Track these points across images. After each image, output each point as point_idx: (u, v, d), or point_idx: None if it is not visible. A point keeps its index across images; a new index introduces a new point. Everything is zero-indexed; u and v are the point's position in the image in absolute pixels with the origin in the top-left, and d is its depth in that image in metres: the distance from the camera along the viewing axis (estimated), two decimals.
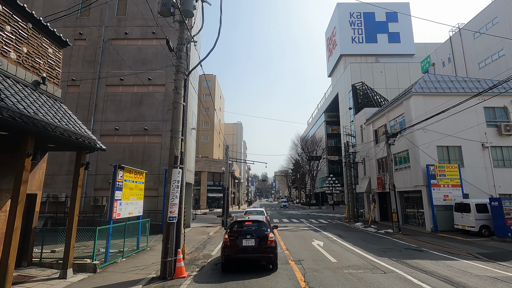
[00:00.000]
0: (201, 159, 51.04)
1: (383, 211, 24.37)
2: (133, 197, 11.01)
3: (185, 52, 9.04)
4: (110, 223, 9.36)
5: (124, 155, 18.52)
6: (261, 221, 8.51)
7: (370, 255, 10.35)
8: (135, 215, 11.28)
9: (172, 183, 8.06)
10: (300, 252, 11.05)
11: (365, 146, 26.20)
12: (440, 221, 16.54)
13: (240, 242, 7.90)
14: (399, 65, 57.44)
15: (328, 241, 13.80)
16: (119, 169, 9.91)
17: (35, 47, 7.99)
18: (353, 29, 66.35)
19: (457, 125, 17.96)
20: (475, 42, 29.79)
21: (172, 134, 8.47)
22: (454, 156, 18.12)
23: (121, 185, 9.99)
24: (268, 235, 8.03)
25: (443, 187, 16.80)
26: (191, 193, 20.94)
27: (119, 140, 18.90)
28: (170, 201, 7.99)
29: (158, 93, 19.44)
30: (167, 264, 7.70)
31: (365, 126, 26.49)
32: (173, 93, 8.84)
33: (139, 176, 11.68)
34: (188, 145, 19.45)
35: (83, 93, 19.34)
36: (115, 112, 19.16)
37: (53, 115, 7.28)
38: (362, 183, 26.87)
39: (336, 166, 66.53)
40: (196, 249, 12.13)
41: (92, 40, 20.14)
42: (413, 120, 18.18)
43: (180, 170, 8.29)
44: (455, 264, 9.16)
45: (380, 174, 23.55)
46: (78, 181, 7.80)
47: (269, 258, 7.93)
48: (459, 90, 18.73)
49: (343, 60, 65.85)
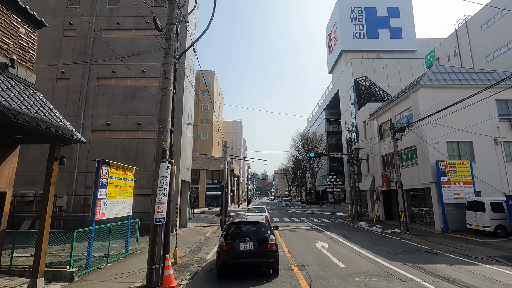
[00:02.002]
0: (200, 157, 50.05)
1: (388, 210, 23.43)
2: (120, 195, 10.03)
3: (175, 32, 8.02)
4: (92, 224, 8.39)
5: (116, 151, 17.53)
6: (260, 222, 7.75)
7: (381, 259, 9.40)
8: (123, 215, 10.32)
9: (159, 180, 7.09)
10: (304, 255, 10.10)
11: (368, 143, 25.23)
12: (451, 221, 15.59)
13: (237, 245, 7.15)
14: (401, 61, 56.53)
15: (333, 242, 12.85)
16: (103, 165, 8.93)
17: (3, 25, 6.99)
18: (354, 24, 65.24)
19: (468, 119, 16.98)
20: (483, 35, 28.73)
21: (160, 124, 7.49)
22: (465, 152, 17.15)
23: (105, 182, 9.01)
24: (268, 238, 7.28)
25: (453, 185, 15.83)
26: (188, 191, 19.98)
27: (111, 136, 17.91)
28: (157, 200, 7.01)
29: (152, 86, 18.44)
30: (154, 272, 6.74)
31: (369, 121, 25.50)
32: (161, 79, 7.84)
33: (127, 172, 10.71)
34: (184, 141, 18.47)
35: (73, 86, 18.33)
36: (106, 106, 18.16)
37: (20, 101, 6.29)
38: (365, 181, 25.92)
39: (336, 164, 65.71)
40: (190, 252, 11.18)
41: (83, 31, 19.10)
42: (421, 114, 17.18)
43: (169, 165, 7.32)
44: (478, 269, 8.20)
45: (385, 171, 22.58)
46: (51, 177, 6.80)
47: (269, 263, 7.19)
48: (470, 82, 17.73)
49: (344, 56, 64.79)
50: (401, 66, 55.05)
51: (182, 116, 18.11)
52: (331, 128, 69.12)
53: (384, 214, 23.27)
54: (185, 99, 18.75)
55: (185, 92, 18.79)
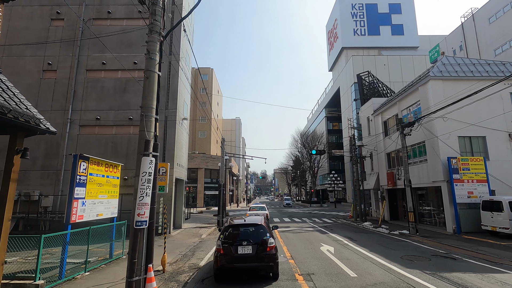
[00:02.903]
0: (198, 155, 48.98)
1: (393, 210, 22.40)
2: (103, 194, 8.96)
3: (161, 6, 6.95)
4: (67, 228, 7.33)
5: (106, 148, 16.45)
6: (259, 224, 7.39)
7: (396, 266, 8.35)
8: (107, 217, 9.25)
9: (141, 176, 6.03)
10: (308, 261, 9.05)
11: (372, 139, 24.18)
12: (464, 221, 14.56)
13: (235, 249, 6.77)
14: (403, 58, 55.53)
15: (339, 245, 11.80)
16: (81, 160, 7.86)
17: None
18: (355, 21, 64.12)
19: (480, 113, 15.94)
20: (491, 27, 27.68)
21: (142, 111, 6.42)
22: (478, 148, 16.12)
23: (84, 180, 7.94)
24: (268, 241, 6.92)
25: (467, 183, 14.80)
26: (183, 191, 18.91)
27: (101, 131, 16.83)
28: (138, 200, 5.96)
29: None
30: (133, 285, 5.69)
31: (373, 117, 24.45)
32: (145, 59, 6.77)
33: (112, 169, 9.64)
34: (179, 137, 17.40)
35: (60, 79, 17.22)
36: (96, 100, 17.07)
37: None
38: (369, 179, 24.88)
39: (337, 163, 64.75)
40: (182, 256, 10.13)
41: (71, 20, 17.98)
42: (431, 108, 16.13)
43: (152, 159, 6.26)
44: (509, 279, 7.17)
45: (391, 169, 21.54)
46: (11, 173, 5.74)
47: (269, 267, 6.85)
48: (483, 74, 16.68)
49: (344, 53, 63.66)
50: (403, 63, 54.07)
51: (177, 110, 17.03)
52: (332, 127, 68.14)
53: (389, 214, 22.24)
54: (180, 92, 17.67)
55: (180, 86, 17.70)
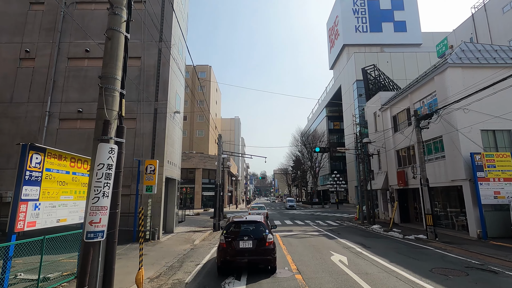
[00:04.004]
0: (196, 155, 47.34)
1: (404, 211, 20.74)
2: (67, 195, 7.30)
3: None
4: (11, 238, 5.65)
5: (88, 143, 14.73)
6: (259, 221, 8.00)
7: (430, 284, 6.69)
8: (72, 222, 7.57)
9: (96, 170, 4.38)
10: (320, 277, 7.37)
11: (380, 136, 22.53)
12: (490, 225, 12.90)
13: (237, 244, 7.41)
14: (406, 55, 54.11)
15: (352, 254, 10.13)
16: (33, 152, 6.16)
17: None
18: (356, 17, 62.62)
19: (505, 104, 14.31)
20: (504, 17, 26.14)
21: (102, 83, 4.78)
22: (503, 143, 14.49)
23: (37, 177, 6.27)
24: (266, 237, 7.54)
25: (492, 181, 13.15)
26: (176, 191, 17.23)
27: (83, 125, 15.17)
28: (92, 202, 4.30)
29: (132, 67, 15.71)
30: None
31: (381, 112, 22.82)
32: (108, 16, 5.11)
33: (81, 164, 7.95)
34: (170, 132, 15.74)
35: (39, 67, 15.57)
36: (78, 91, 15.41)
37: None
38: (377, 179, 23.24)
39: (338, 163, 63.24)
40: (168, 269, 8.45)
41: (52, 4, 16.33)
42: (449, 98, 14.50)
43: (115, 147, 4.60)
44: None
45: (402, 168, 19.89)
46: None
47: (267, 260, 7.45)
48: (507, 61, 15.06)
49: (346, 50, 62.11)
50: (406, 60, 52.67)
51: (168, 102, 15.39)
52: (333, 126, 66.65)
53: (399, 216, 20.57)
54: (171, 83, 16.03)
55: (172, 76, 16.06)
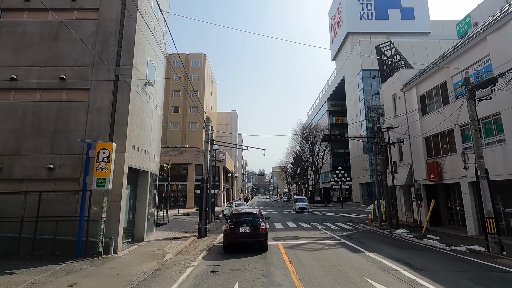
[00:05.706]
0: (188, 149, 43.36)
1: (434, 212, 16.93)
2: None
3: None
4: None
5: (24, 122, 10.83)
6: (255, 213, 10.55)
7: None
8: None
9: None
10: None
11: (402, 122, 18.65)
12: None
13: (238, 230, 9.83)
14: (415, 43, 50.38)
15: (401, 285, 6.27)
16: None
17: None
18: (361, 4, 58.66)
19: None
20: None
21: None
22: None
23: None
24: (260, 224, 10.00)
25: None
26: (149, 187, 13.28)
27: (18, 98, 11.20)
28: None
29: (86, 21, 11.78)
30: None
31: (403, 93, 18.96)
32: None
33: None
34: (137, 108, 11.80)
35: None
36: (13, 51, 11.45)
37: None
38: (398, 173, 19.40)
39: (340, 160, 59.62)
40: None
41: None
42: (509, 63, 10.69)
43: None
44: None
45: (432, 158, 16.08)
46: None
47: (260, 242, 9.98)
48: None
49: (350, 39, 58.18)
50: (415, 48, 48.99)
51: (134, 67, 11.42)
52: (334, 121, 62.89)
53: None
54: (139, 43, 12.07)
55: (138, 34, 12.05)
